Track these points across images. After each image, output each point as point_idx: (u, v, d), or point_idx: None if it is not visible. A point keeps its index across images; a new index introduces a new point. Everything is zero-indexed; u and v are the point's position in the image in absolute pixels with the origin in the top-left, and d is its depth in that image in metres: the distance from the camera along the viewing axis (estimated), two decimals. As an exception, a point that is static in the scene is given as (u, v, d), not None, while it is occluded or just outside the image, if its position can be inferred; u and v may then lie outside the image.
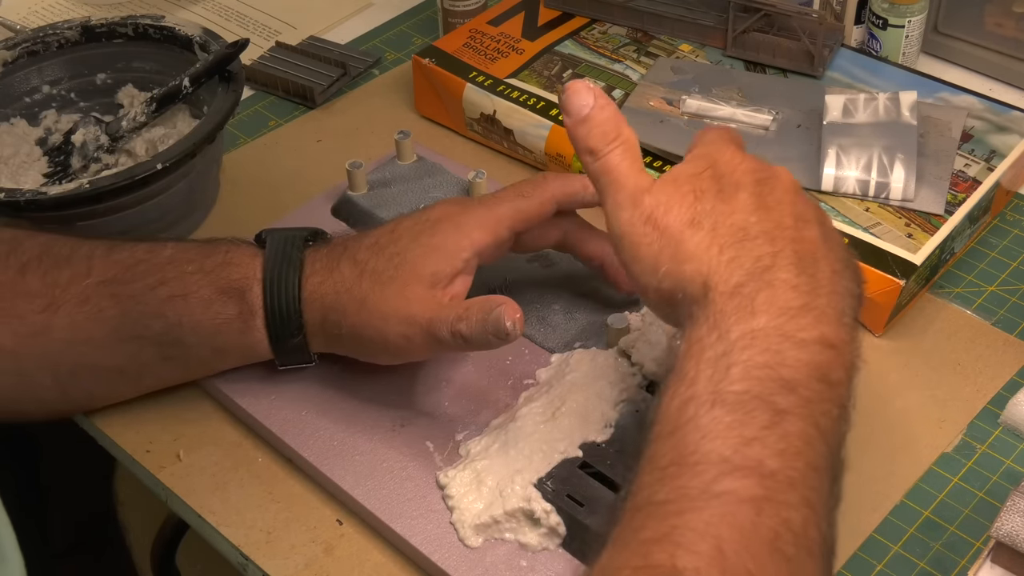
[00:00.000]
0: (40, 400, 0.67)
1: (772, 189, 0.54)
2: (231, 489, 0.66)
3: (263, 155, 0.91)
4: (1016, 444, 0.67)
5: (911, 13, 0.90)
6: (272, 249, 0.66)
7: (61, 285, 0.65)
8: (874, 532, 0.63)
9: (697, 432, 0.48)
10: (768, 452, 0.47)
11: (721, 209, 0.53)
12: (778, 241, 0.52)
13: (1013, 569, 0.57)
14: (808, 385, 0.49)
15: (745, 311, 0.50)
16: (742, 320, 0.50)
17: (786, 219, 0.53)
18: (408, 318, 0.62)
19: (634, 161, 0.56)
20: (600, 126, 0.56)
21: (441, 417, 0.67)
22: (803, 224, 0.54)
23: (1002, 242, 0.80)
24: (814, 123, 0.81)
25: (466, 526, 0.61)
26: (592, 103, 0.56)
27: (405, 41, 1.03)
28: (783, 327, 0.50)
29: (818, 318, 0.50)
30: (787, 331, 0.50)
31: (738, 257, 0.52)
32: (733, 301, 0.51)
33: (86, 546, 1.06)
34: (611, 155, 0.55)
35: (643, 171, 0.55)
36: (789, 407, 0.48)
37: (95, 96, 0.88)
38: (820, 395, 0.49)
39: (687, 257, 0.52)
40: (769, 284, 0.51)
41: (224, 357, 0.68)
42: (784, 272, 0.51)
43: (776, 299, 0.50)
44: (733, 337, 0.49)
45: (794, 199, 0.55)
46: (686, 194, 0.54)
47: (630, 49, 0.91)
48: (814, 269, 0.52)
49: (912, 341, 0.73)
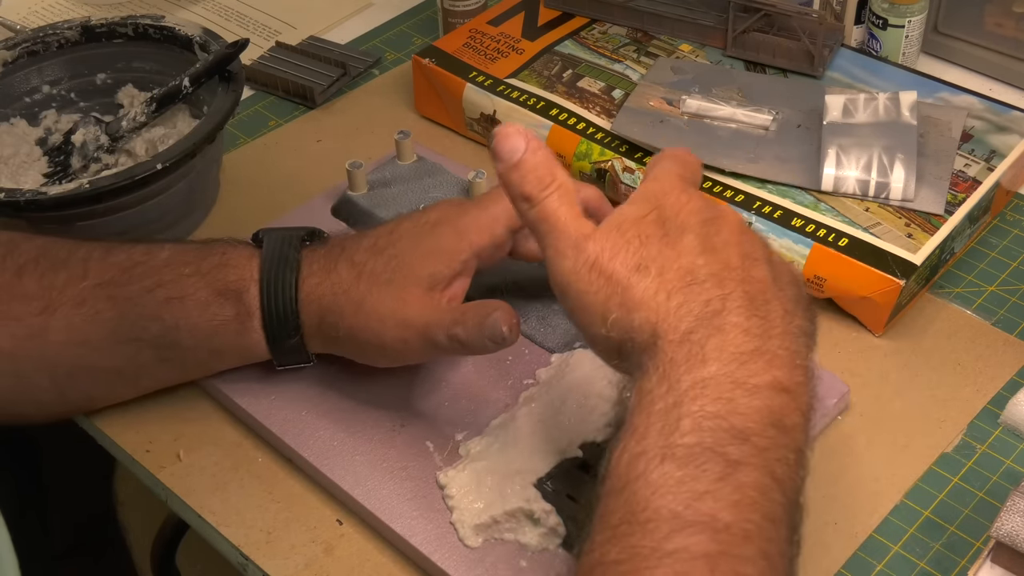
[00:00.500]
0: (38, 402, 0.67)
1: (718, 230, 0.53)
2: (231, 489, 0.66)
3: (263, 155, 0.91)
4: (1016, 444, 0.67)
5: (911, 13, 0.90)
6: (269, 250, 0.66)
7: (58, 287, 0.65)
8: (874, 532, 0.63)
9: (647, 488, 0.46)
10: (721, 505, 0.46)
11: (667, 254, 0.51)
12: (727, 283, 0.51)
13: (1013, 569, 0.57)
14: (762, 433, 0.48)
15: (695, 359, 0.49)
16: (692, 369, 0.49)
17: (734, 260, 0.52)
18: (405, 321, 0.62)
19: (572, 206, 0.53)
20: (534, 171, 0.53)
21: (441, 417, 0.67)
22: (751, 264, 0.52)
23: (1002, 242, 0.80)
24: (814, 123, 0.81)
25: (466, 526, 0.61)
26: (524, 147, 0.53)
27: (405, 41, 1.03)
28: (734, 374, 0.48)
29: (770, 362, 0.49)
30: (738, 378, 0.48)
31: (687, 302, 0.50)
32: (683, 349, 0.49)
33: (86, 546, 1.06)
34: (548, 201, 0.53)
35: (582, 216, 0.53)
36: (742, 457, 0.47)
37: (95, 96, 0.88)
38: (775, 442, 0.48)
39: (635, 305, 0.50)
40: (719, 329, 0.49)
41: (222, 358, 0.68)
42: (734, 315, 0.50)
43: (726, 345, 0.49)
44: (683, 387, 0.48)
45: (740, 239, 0.53)
46: (631, 239, 0.52)
47: (630, 49, 0.91)
48: (765, 310, 0.51)
49: (912, 341, 0.73)
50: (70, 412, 0.70)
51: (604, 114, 0.84)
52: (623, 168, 0.80)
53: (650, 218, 0.52)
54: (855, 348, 0.73)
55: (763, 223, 0.75)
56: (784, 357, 0.50)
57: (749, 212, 0.76)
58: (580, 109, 0.85)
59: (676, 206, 0.53)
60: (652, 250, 0.51)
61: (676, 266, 0.51)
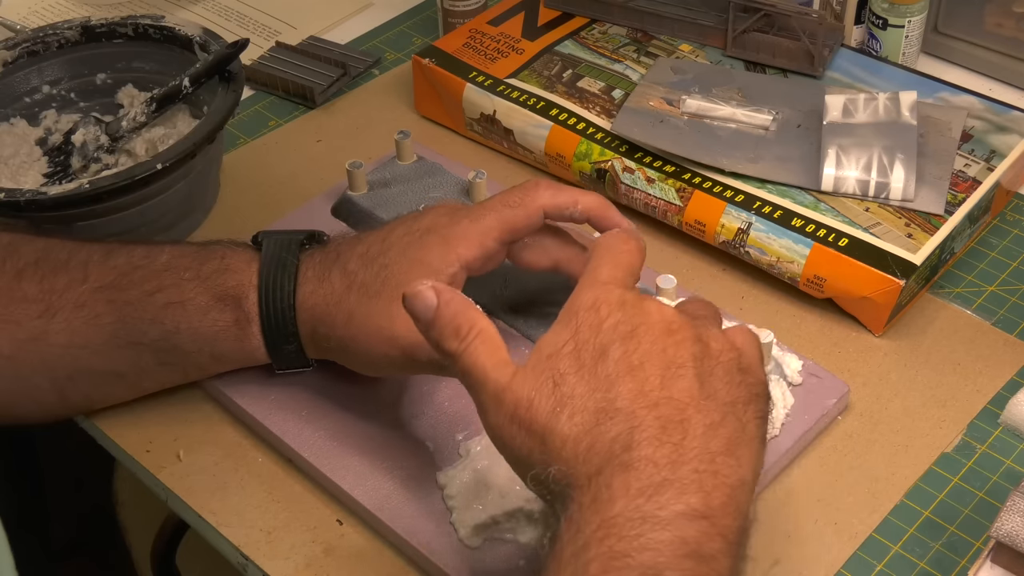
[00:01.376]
0: (38, 403, 0.67)
1: (638, 343, 0.51)
2: (231, 489, 0.66)
3: (263, 155, 0.91)
4: (1016, 444, 0.67)
5: (911, 13, 0.90)
6: (268, 254, 0.66)
7: (58, 291, 0.65)
8: (874, 532, 0.63)
9: None
10: None
11: (581, 391, 0.50)
12: (638, 413, 0.49)
13: (1013, 569, 0.57)
14: (675, 566, 0.46)
15: (601, 500, 0.47)
16: (599, 510, 0.47)
17: (651, 379, 0.50)
18: (391, 339, 0.62)
19: (492, 352, 0.52)
20: (450, 323, 0.52)
21: (441, 417, 0.67)
22: (672, 377, 0.50)
23: (1002, 242, 0.80)
24: (814, 123, 0.81)
25: (466, 526, 0.61)
26: (435, 302, 0.53)
27: (405, 41, 1.03)
28: (641, 508, 0.47)
29: (681, 490, 0.47)
30: (646, 512, 0.47)
31: (595, 444, 0.49)
32: (589, 493, 0.48)
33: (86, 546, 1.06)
34: (467, 352, 0.52)
35: (502, 361, 0.52)
36: None
37: (95, 96, 0.88)
38: (691, 573, 0.46)
39: (552, 457, 0.49)
40: (625, 465, 0.48)
41: (222, 362, 0.68)
42: (643, 448, 0.48)
43: (632, 481, 0.47)
44: (590, 530, 0.47)
45: (664, 345, 0.51)
46: (545, 382, 0.50)
47: (630, 49, 0.91)
48: (680, 434, 0.49)
49: (912, 341, 0.73)
50: (70, 413, 0.70)
51: (604, 114, 0.84)
52: (623, 168, 0.80)
53: (566, 349, 0.51)
54: (855, 348, 0.73)
55: (763, 223, 0.75)
56: (698, 482, 0.48)
57: (749, 212, 0.76)
58: (580, 109, 0.85)
59: (594, 325, 0.52)
60: (566, 388, 0.50)
61: (589, 404, 0.50)
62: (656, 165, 0.80)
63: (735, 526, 0.48)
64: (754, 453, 0.51)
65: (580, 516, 0.48)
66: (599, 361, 0.51)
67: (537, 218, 0.64)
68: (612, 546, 0.46)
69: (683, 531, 0.47)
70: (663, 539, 0.46)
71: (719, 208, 0.77)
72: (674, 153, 0.80)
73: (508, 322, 0.73)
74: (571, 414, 0.50)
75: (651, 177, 0.80)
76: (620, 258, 0.56)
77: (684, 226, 0.79)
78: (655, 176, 0.79)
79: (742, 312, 0.75)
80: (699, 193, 0.78)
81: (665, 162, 0.80)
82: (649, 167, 0.80)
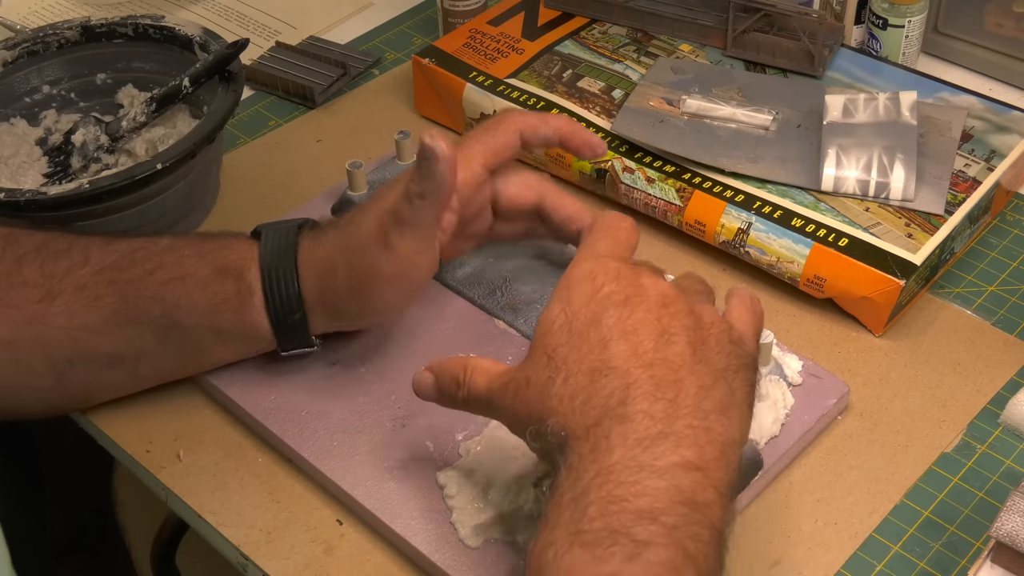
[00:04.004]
0: (36, 391, 0.67)
1: (632, 311, 0.53)
2: (231, 489, 0.66)
3: (263, 155, 0.91)
4: (1016, 444, 0.67)
5: (911, 13, 0.90)
6: (268, 234, 0.67)
7: (58, 275, 0.65)
8: (874, 532, 0.63)
9: (558, 573, 0.47)
10: None
11: (574, 357, 0.53)
12: (633, 371, 0.52)
13: (1013, 569, 0.57)
14: (671, 511, 0.48)
15: (600, 450, 0.50)
16: (597, 459, 0.50)
17: (645, 343, 0.52)
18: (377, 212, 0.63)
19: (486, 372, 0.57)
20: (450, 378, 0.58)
21: (441, 417, 0.67)
22: (666, 343, 0.53)
23: (1002, 242, 0.80)
24: (814, 123, 0.81)
25: (466, 526, 0.61)
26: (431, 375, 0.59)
27: (405, 41, 1.03)
28: (638, 457, 0.49)
29: (677, 443, 0.50)
30: (643, 461, 0.49)
31: (591, 398, 0.51)
32: (588, 443, 0.50)
33: (85, 546, 1.06)
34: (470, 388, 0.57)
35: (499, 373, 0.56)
36: (651, 537, 0.47)
37: (95, 96, 0.88)
38: (686, 519, 0.48)
39: (549, 412, 0.52)
40: (623, 418, 0.50)
41: (224, 340, 0.67)
42: (639, 403, 0.51)
43: (629, 432, 0.50)
44: (589, 477, 0.49)
45: (659, 315, 0.53)
46: (539, 358, 0.54)
47: (630, 49, 0.91)
48: (674, 392, 0.51)
49: (912, 341, 0.73)
50: (68, 404, 0.70)
51: (604, 114, 0.84)
52: (623, 168, 0.80)
53: (558, 323, 0.54)
54: (855, 348, 0.73)
55: (763, 223, 0.75)
56: (693, 437, 0.50)
57: (749, 212, 0.76)
58: (580, 109, 0.85)
59: (589, 294, 0.54)
60: (558, 359, 0.53)
61: (583, 366, 0.52)
62: (656, 165, 0.80)
63: (726, 479, 0.51)
64: (742, 416, 0.53)
65: (579, 464, 0.50)
66: (592, 327, 0.53)
67: (514, 139, 0.68)
68: (610, 491, 0.49)
69: (678, 480, 0.49)
70: (659, 486, 0.49)
71: (719, 208, 0.77)
72: (674, 153, 0.80)
73: (508, 322, 0.73)
74: (565, 378, 0.52)
75: (651, 177, 0.80)
76: (618, 234, 0.58)
77: (684, 226, 0.79)
78: (655, 176, 0.79)
79: (742, 312, 0.75)
80: (699, 193, 0.78)
81: (665, 162, 0.80)
82: (649, 167, 0.80)
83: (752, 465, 0.63)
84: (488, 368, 0.57)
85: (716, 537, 0.49)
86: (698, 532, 0.48)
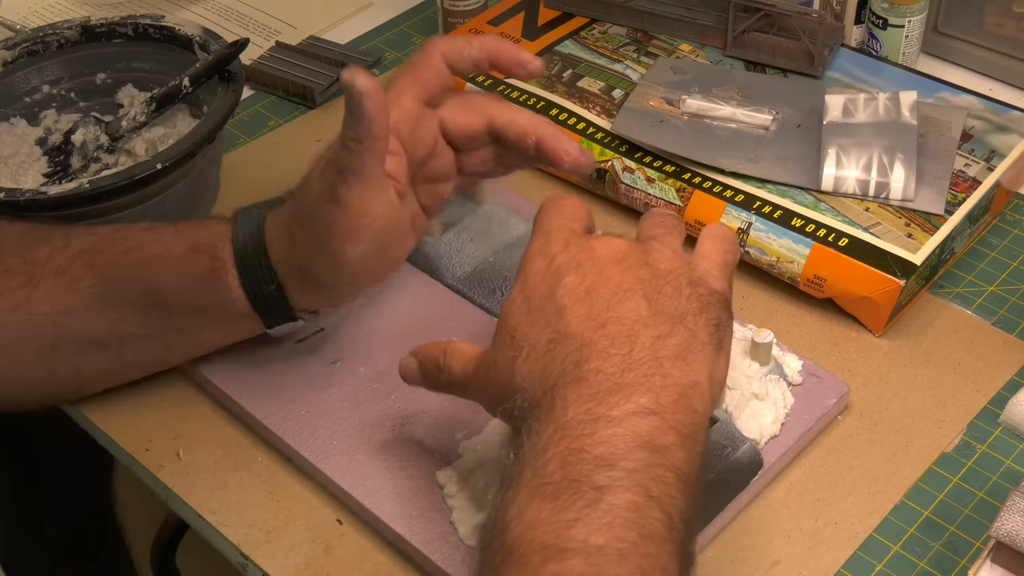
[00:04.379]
0: (27, 380, 0.67)
1: (584, 275, 0.55)
2: (231, 489, 0.66)
3: (263, 155, 0.91)
4: (1016, 444, 0.67)
5: (911, 13, 0.90)
6: (241, 214, 0.66)
7: (40, 262, 0.65)
8: (874, 532, 0.63)
9: (521, 526, 0.48)
10: (591, 529, 0.47)
11: (533, 333, 0.54)
12: (586, 335, 0.53)
13: (1013, 569, 0.57)
14: (629, 455, 0.49)
15: (556, 410, 0.51)
16: (554, 419, 0.51)
17: (599, 304, 0.53)
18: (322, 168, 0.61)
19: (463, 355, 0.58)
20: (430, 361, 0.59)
21: (441, 417, 0.67)
22: (620, 300, 0.54)
23: (1002, 242, 0.80)
24: (814, 123, 0.81)
25: (466, 526, 0.61)
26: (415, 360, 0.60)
27: (405, 41, 1.03)
28: (593, 411, 0.50)
29: (631, 392, 0.51)
30: (597, 413, 0.50)
31: (548, 365, 0.53)
32: (545, 405, 0.52)
33: (85, 546, 1.06)
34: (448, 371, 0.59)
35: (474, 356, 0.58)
36: (610, 482, 0.48)
37: (95, 96, 0.88)
38: (646, 462, 0.49)
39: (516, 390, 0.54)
40: (577, 378, 0.52)
41: (206, 320, 0.67)
42: (592, 362, 0.52)
43: (583, 389, 0.51)
44: (547, 434, 0.50)
45: (611, 273, 0.54)
46: (504, 339, 0.55)
47: (630, 49, 0.91)
48: (629, 347, 0.52)
49: (912, 341, 0.73)
50: (59, 394, 0.70)
51: (604, 114, 0.84)
52: (623, 168, 0.80)
53: (517, 302, 0.56)
54: (855, 348, 0.73)
55: (763, 223, 0.75)
56: (647, 384, 0.51)
57: (749, 212, 0.76)
58: (580, 109, 0.85)
59: (541, 270, 0.56)
60: (519, 337, 0.54)
61: (541, 340, 0.54)
62: (656, 165, 0.80)
63: (688, 421, 0.51)
64: (707, 358, 0.53)
65: (538, 426, 0.51)
66: (547, 299, 0.55)
67: (440, 66, 0.65)
68: (568, 445, 0.50)
69: (635, 427, 0.50)
70: (616, 433, 0.50)
71: (719, 208, 0.77)
72: (674, 153, 0.80)
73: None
74: (527, 355, 0.54)
75: (651, 177, 0.80)
76: (565, 209, 0.59)
77: (684, 226, 0.78)
78: (655, 176, 0.79)
79: (742, 312, 0.75)
80: (699, 193, 0.78)
81: (665, 162, 0.80)
82: (649, 167, 0.80)
83: (752, 465, 0.63)
84: (464, 351, 0.58)
85: (682, 478, 0.49)
86: (661, 474, 0.49)
